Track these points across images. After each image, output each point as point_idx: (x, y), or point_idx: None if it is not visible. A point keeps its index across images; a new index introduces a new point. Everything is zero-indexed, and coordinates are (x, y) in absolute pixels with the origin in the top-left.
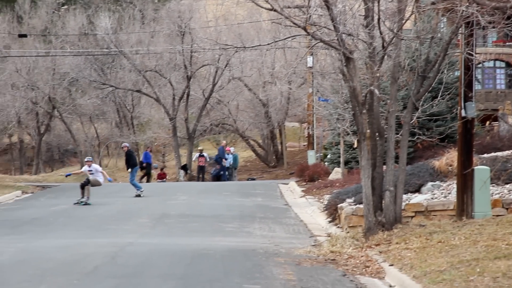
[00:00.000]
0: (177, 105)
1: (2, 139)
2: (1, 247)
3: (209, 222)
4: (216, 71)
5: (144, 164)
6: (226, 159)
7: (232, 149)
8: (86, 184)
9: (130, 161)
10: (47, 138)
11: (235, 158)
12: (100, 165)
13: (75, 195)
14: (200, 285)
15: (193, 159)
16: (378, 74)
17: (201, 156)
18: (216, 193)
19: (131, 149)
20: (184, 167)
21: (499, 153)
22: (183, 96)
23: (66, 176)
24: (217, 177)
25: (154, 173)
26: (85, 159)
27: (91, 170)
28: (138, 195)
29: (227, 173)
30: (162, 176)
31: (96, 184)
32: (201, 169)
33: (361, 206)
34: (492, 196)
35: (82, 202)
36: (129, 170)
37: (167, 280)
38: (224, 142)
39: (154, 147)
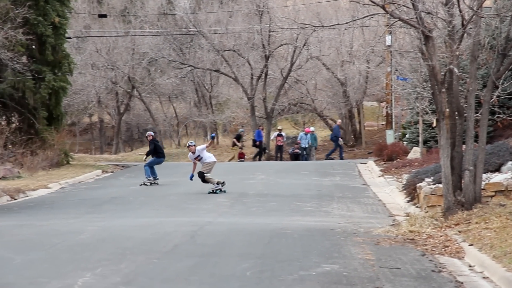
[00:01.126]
0: (255, 85)
1: (83, 118)
2: (82, 226)
3: (287, 202)
4: (294, 51)
5: (257, 143)
6: (305, 140)
7: (312, 128)
8: (203, 179)
9: (157, 151)
10: (126, 118)
11: (314, 138)
12: (179, 145)
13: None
14: (279, 265)
15: (271, 138)
16: (457, 53)
17: (279, 135)
18: (294, 172)
19: (155, 138)
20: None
21: None
22: (261, 76)
23: (191, 178)
24: (295, 157)
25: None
26: (188, 144)
27: (198, 156)
28: (144, 183)
29: (305, 152)
30: (241, 156)
31: (210, 168)
32: (279, 148)
33: (440, 185)
34: None
35: (216, 190)
36: (147, 157)
37: (245, 259)
38: (339, 121)
39: (233, 126)
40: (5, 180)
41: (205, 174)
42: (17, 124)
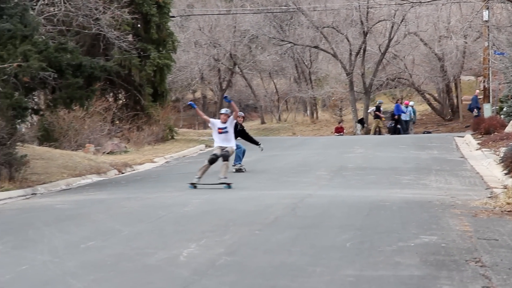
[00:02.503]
0: (353, 60)
1: (186, 95)
2: (186, 199)
3: (386, 175)
4: (392, 27)
5: (396, 117)
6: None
7: (411, 103)
8: (215, 160)
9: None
10: (228, 94)
11: (413, 112)
12: (279, 119)
13: (256, 150)
14: (378, 236)
15: (369, 110)
16: None
17: (377, 110)
18: (392, 146)
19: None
20: (361, 121)
21: None
22: (359, 52)
23: (189, 104)
24: (393, 130)
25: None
26: (221, 111)
27: (223, 128)
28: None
29: (404, 125)
30: (339, 130)
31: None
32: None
33: None
34: None
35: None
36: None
37: (345, 231)
38: (477, 91)
39: (332, 101)
40: (113, 155)
41: (228, 157)
42: (124, 100)
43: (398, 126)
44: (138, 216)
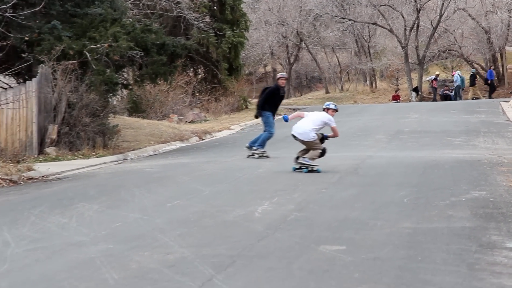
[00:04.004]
0: (408, 35)
1: (258, 69)
2: (259, 162)
3: (439, 137)
4: (443, 3)
5: (489, 81)
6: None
7: (458, 72)
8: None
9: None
10: (296, 67)
11: (462, 80)
12: (342, 89)
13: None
14: (432, 192)
15: (427, 78)
16: None
17: (435, 79)
18: (444, 111)
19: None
20: (416, 89)
21: None
22: (413, 27)
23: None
24: (445, 97)
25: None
26: (331, 105)
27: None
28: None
29: (453, 93)
30: (396, 98)
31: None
32: (435, 90)
33: None
34: None
35: (303, 168)
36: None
37: (402, 188)
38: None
39: (389, 72)
40: (194, 124)
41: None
42: (203, 75)
43: (448, 92)
44: (217, 178)
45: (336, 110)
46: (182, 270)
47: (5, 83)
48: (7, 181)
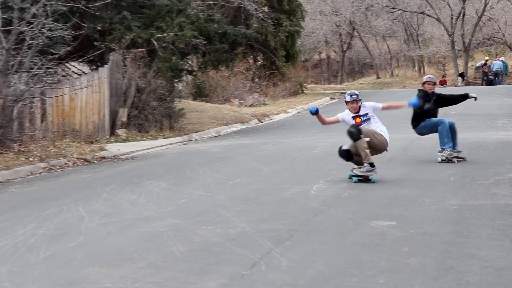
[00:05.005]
0: (454, 23)
1: (313, 56)
2: (314, 143)
3: (483, 119)
4: None
5: None
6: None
7: (502, 58)
8: (358, 137)
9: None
10: (348, 54)
11: (505, 66)
12: (392, 75)
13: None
14: (477, 171)
15: (478, 64)
16: None
17: (484, 64)
18: (488, 95)
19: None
20: (461, 75)
21: None
22: (459, 16)
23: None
24: (489, 82)
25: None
26: (347, 97)
27: (362, 115)
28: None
29: (497, 78)
30: (443, 82)
31: (379, 145)
32: (485, 75)
33: None
34: None
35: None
36: None
37: (449, 168)
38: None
39: (436, 59)
40: (254, 107)
41: (362, 135)
42: (262, 62)
43: (492, 77)
44: (275, 158)
45: (353, 101)
46: (243, 244)
47: (80, 70)
48: (82, 160)
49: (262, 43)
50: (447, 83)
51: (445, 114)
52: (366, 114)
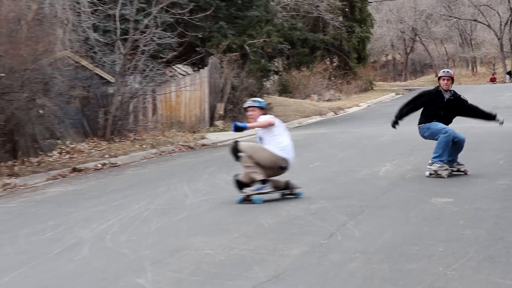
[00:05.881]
0: (503, 29)
1: (381, 57)
2: (382, 132)
3: None
4: None
5: None
6: None
7: None
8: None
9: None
10: (411, 56)
11: None
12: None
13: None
14: None
15: None
16: None
17: None
18: None
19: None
20: (509, 73)
21: None
22: (507, 22)
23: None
24: None
25: None
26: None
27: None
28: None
29: None
30: (493, 80)
31: (268, 163)
32: None
33: None
34: None
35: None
36: None
37: (498, 152)
38: None
39: (487, 59)
40: (330, 102)
41: (240, 152)
42: (337, 63)
43: None
44: (349, 144)
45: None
46: (322, 217)
47: (184, 71)
48: (186, 147)
49: (337, 47)
50: (497, 80)
51: (495, 106)
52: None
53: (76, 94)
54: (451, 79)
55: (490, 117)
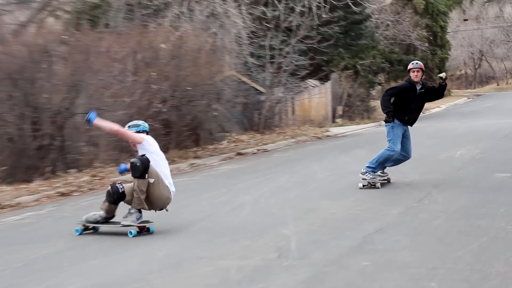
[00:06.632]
0: None
1: (456, 72)
2: (457, 125)
3: None
4: None
5: None
6: None
7: None
8: (143, 174)
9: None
10: (479, 71)
11: None
12: (507, 83)
13: (489, 98)
14: None
15: None
16: None
17: None
18: None
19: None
20: None
21: None
22: None
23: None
24: None
25: None
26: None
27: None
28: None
29: None
30: None
31: (159, 199)
32: None
33: None
34: None
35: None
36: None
37: None
38: None
39: None
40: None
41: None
42: (424, 76)
43: None
44: (432, 134)
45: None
46: (414, 187)
47: (314, 84)
48: (315, 137)
49: (424, 65)
50: None
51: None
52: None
53: (239, 101)
54: (421, 70)
55: (442, 87)
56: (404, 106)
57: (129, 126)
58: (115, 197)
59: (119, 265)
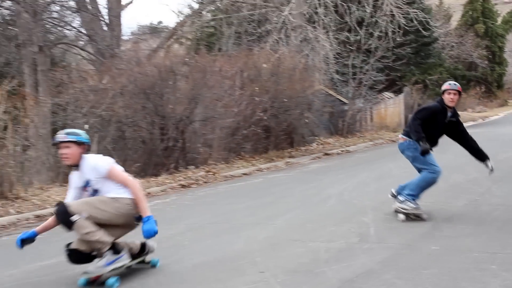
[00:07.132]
0: None
1: None
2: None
3: None
4: None
5: None
6: None
7: None
8: (69, 221)
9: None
10: None
11: None
12: None
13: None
14: None
15: None
16: None
17: None
18: None
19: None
20: None
21: None
22: None
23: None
24: None
25: None
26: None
27: (87, 184)
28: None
29: None
30: None
31: (115, 218)
32: None
33: None
34: None
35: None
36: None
37: None
38: None
39: None
40: (479, 113)
41: (74, 215)
42: (484, 89)
43: None
44: (491, 138)
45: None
46: (477, 183)
47: (389, 96)
48: (390, 141)
49: (484, 79)
50: None
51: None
52: (88, 182)
53: (326, 110)
54: (459, 93)
55: (481, 156)
56: (429, 132)
57: (67, 134)
58: (76, 260)
59: (228, 244)
